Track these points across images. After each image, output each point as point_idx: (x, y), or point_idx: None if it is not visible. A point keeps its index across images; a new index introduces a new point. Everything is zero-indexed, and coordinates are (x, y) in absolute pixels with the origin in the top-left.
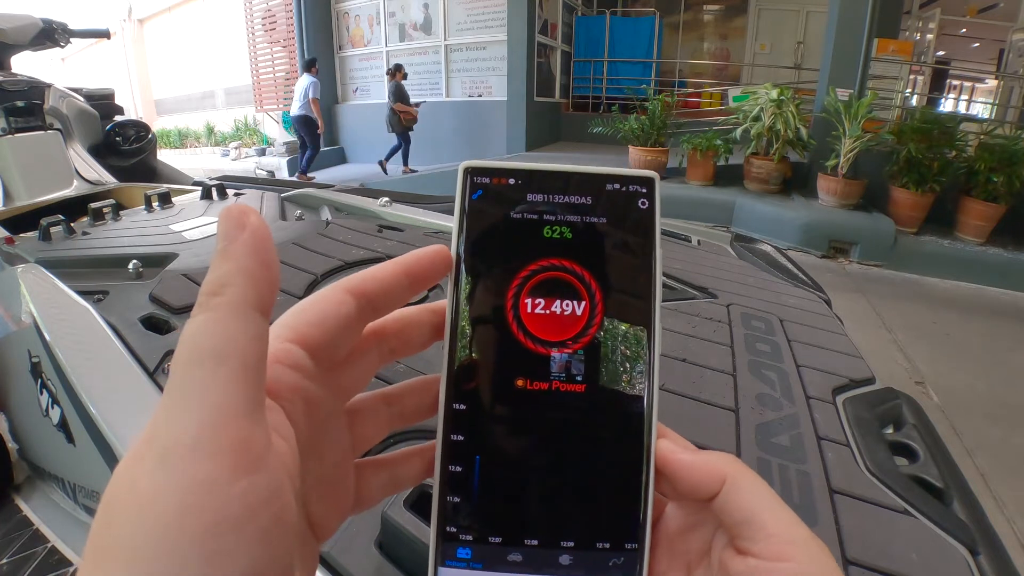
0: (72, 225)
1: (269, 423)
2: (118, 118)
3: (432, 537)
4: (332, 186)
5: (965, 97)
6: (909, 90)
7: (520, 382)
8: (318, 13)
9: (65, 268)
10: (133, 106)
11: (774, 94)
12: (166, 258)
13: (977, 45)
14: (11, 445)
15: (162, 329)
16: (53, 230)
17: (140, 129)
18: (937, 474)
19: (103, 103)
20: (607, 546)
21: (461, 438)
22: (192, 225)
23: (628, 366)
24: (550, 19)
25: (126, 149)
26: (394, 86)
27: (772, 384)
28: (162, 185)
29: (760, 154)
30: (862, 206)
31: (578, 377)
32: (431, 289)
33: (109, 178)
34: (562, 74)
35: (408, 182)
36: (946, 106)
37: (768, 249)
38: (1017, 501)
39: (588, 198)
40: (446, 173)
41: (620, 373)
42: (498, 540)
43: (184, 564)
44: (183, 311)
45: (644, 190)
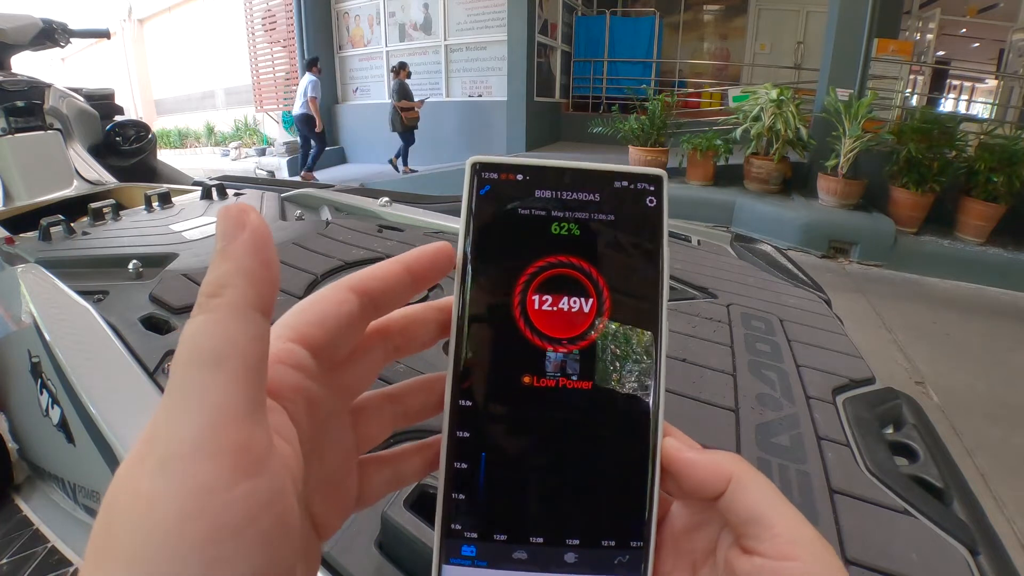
0: (72, 225)
1: (271, 424)
2: (118, 118)
3: (436, 534)
4: (332, 186)
5: (965, 97)
6: (909, 90)
7: (527, 379)
8: (318, 13)
9: (65, 268)
10: (133, 106)
11: (774, 94)
12: (166, 258)
13: (977, 45)
14: (11, 445)
15: (162, 329)
16: (53, 230)
17: (140, 129)
18: (937, 474)
19: (103, 103)
20: (612, 544)
21: (467, 435)
22: (192, 225)
23: (635, 363)
24: (550, 19)
25: (126, 149)
26: (397, 84)
27: (772, 384)
28: (162, 185)
29: (760, 154)
30: (862, 206)
31: (584, 374)
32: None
33: (109, 178)
34: (562, 74)
35: (408, 182)
36: (946, 106)
37: (768, 249)
38: (1017, 501)
39: (596, 195)
40: (446, 173)
41: (627, 370)
42: (503, 538)
43: (184, 569)
44: (183, 311)
45: (652, 188)
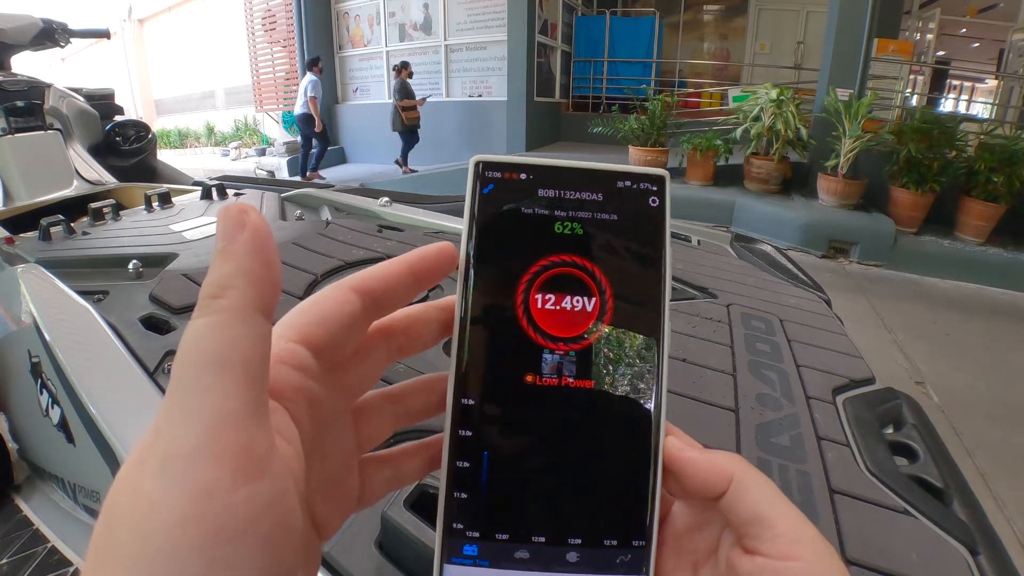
0: (72, 225)
1: (273, 425)
2: (118, 118)
3: (438, 534)
4: (332, 186)
5: (965, 97)
6: (909, 90)
7: (529, 378)
8: (318, 13)
9: (65, 268)
10: (133, 106)
11: (774, 94)
12: (166, 258)
13: (977, 45)
14: (11, 445)
15: (162, 329)
16: (53, 230)
17: (140, 129)
18: (937, 474)
19: (103, 103)
20: (614, 543)
21: (469, 434)
22: (192, 225)
23: (637, 363)
24: (550, 19)
25: (126, 149)
26: (399, 83)
27: (772, 384)
28: (162, 185)
29: (760, 154)
30: (862, 206)
31: (587, 373)
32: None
33: (109, 178)
34: (562, 74)
35: (408, 182)
36: (946, 106)
37: (768, 249)
38: (1017, 501)
39: (599, 194)
40: (446, 173)
41: (629, 370)
42: (505, 537)
43: (185, 571)
44: (183, 311)
45: (655, 188)
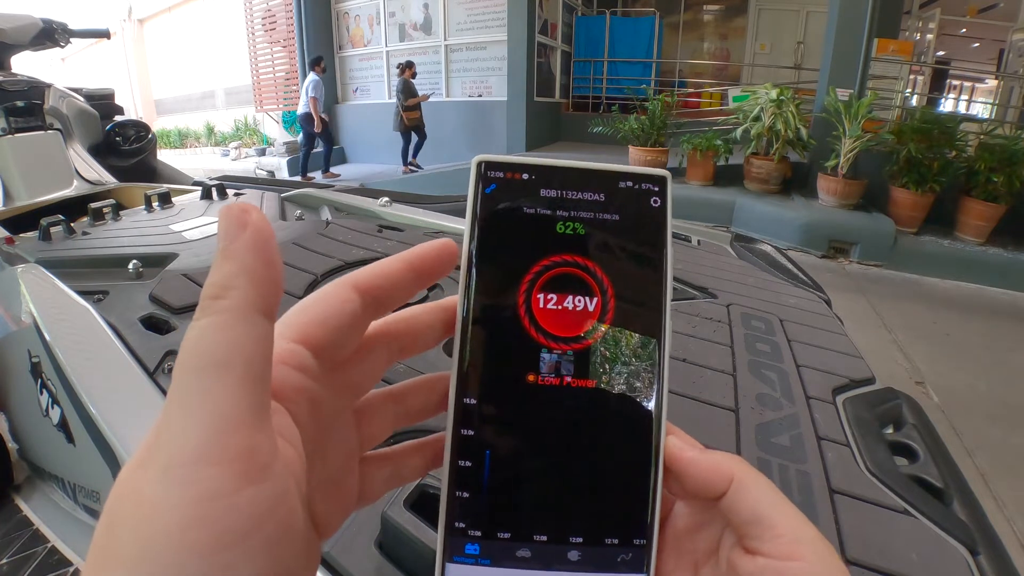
0: (72, 225)
1: (275, 427)
2: (118, 118)
3: (440, 533)
4: (332, 186)
5: (965, 97)
6: (909, 90)
7: (531, 377)
8: (318, 13)
9: (65, 268)
10: (133, 106)
11: (774, 94)
12: (166, 258)
13: (977, 45)
14: (11, 445)
15: (162, 329)
16: (53, 230)
17: (140, 129)
18: (937, 474)
19: (103, 103)
20: (615, 542)
21: (471, 433)
22: (192, 225)
23: (639, 362)
24: (550, 19)
25: (126, 149)
26: (402, 83)
27: (772, 384)
28: (162, 185)
29: (760, 154)
30: (862, 206)
31: (589, 373)
32: (431, 289)
33: (109, 178)
34: (562, 74)
35: (408, 182)
36: (946, 106)
37: (768, 249)
38: (1017, 501)
39: (601, 195)
40: (446, 173)
41: (631, 369)
42: (506, 536)
43: (186, 575)
44: (183, 311)
45: (657, 188)
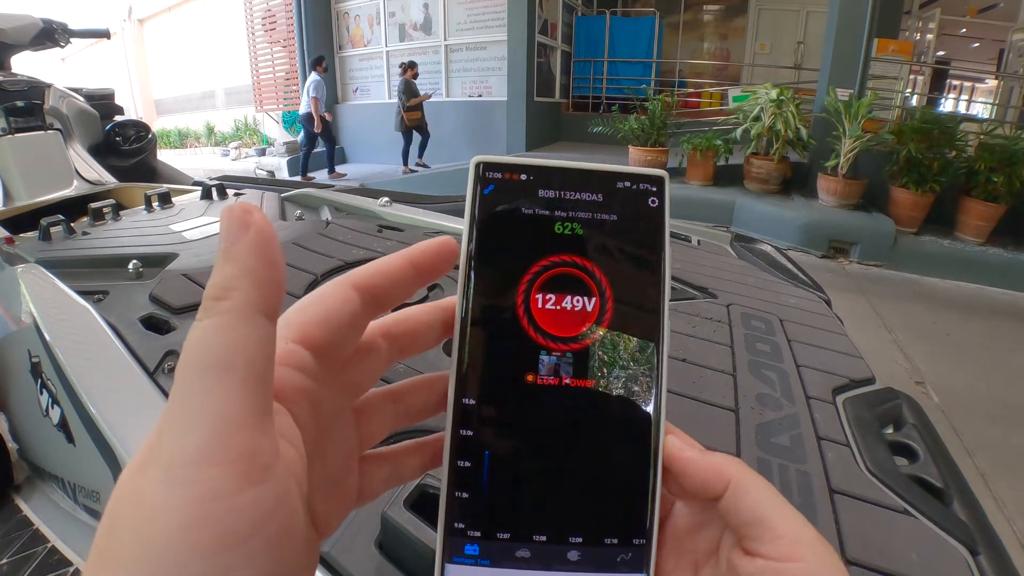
0: (72, 225)
1: (276, 428)
2: (118, 118)
3: (440, 533)
4: (332, 186)
5: (965, 97)
6: (909, 90)
7: (530, 377)
8: (318, 13)
9: (65, 268)
10: (133, 106)
11: (774, 94)
12: (166, 258)
13: (977, 45)
14: (11, 445)
15: (162, 329)
16: (53, 230)
17: (140, 129)
18: (937, 474)
19: (103, 103)
20: (615, 542)
21: (470, 433)
22: (192, 225)
23: (637, 362)
24: (550, 19)
25: (126, 149)
26: (403, 83)
27: (772, 384)
28: (162, 185)
29: (760, 154)
30: (862, 206)
31: (587, 373)
32: (431, 289)
33: (109, 178)
34: (562, 74)
35: (408, 182)
36: (946, 106)
37: (768, 249)
38: (1017, 501)
39: (599, 195)
40: (446, 173)
41: (629, 369)
42: (506, 536)
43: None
44: (183, 311)
45: (654, 188)
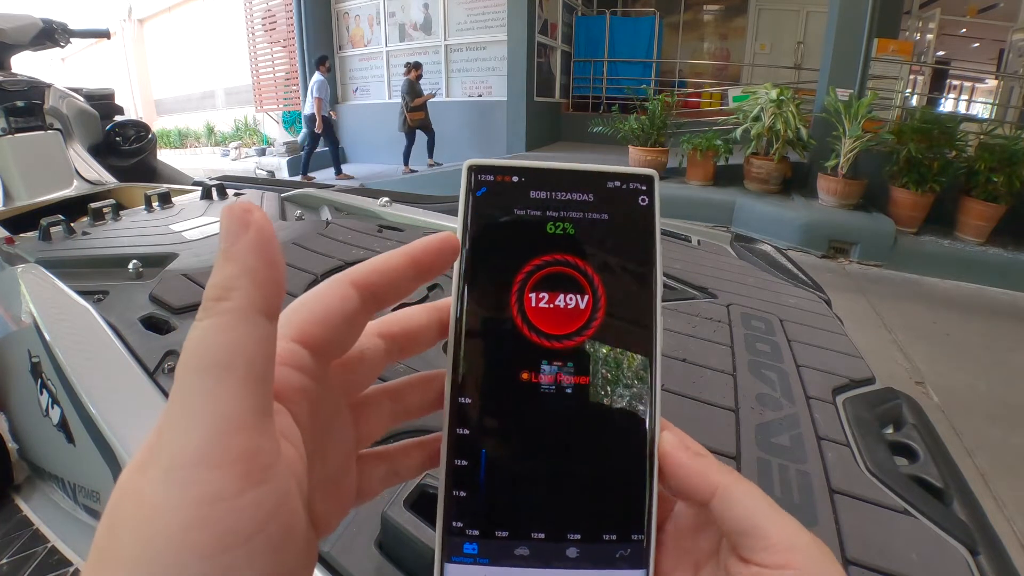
0: (72, 225)
1: (276, 427)
2: (118, 118)
3: (438, 533)
4: (332, 186)
5: (965, 97)
6: (909, 90)
7: (525, 376)
8: (318, 13)
9: (65, 268)
10: (133, 106)
11: (774, 94)
12: (166, 258)
13: (977, 45)
14: (11, 445)
15: (162, 329)
16: (53, 230)
17: (140, 129)
18: (937, 474)
19: (103, 103)
20: (613, 538)
21: (467, 432)
22: (192, 225)
23: (631, 359)
24: (550, 19)
25: (126, 149)
26: (407, 83)
27: (772, 384)
28: (162, 185)
29: (760, 154)
30: (862, 206)
31: (581, 371)
32: (431, 289)
33: (109, 178)
34: (562, 74)
35: (408, 182)
36: (946, 106)
37: (768, 249)
38: (1017, 501)
39: (590, 195)
40: (446, 173)
41: (623, 366)
42: (505, 534)
43: None
44: (183, 311)
45: (644, 187)
